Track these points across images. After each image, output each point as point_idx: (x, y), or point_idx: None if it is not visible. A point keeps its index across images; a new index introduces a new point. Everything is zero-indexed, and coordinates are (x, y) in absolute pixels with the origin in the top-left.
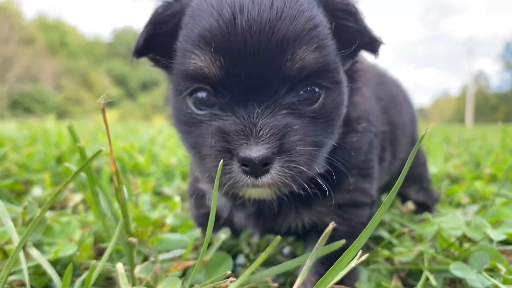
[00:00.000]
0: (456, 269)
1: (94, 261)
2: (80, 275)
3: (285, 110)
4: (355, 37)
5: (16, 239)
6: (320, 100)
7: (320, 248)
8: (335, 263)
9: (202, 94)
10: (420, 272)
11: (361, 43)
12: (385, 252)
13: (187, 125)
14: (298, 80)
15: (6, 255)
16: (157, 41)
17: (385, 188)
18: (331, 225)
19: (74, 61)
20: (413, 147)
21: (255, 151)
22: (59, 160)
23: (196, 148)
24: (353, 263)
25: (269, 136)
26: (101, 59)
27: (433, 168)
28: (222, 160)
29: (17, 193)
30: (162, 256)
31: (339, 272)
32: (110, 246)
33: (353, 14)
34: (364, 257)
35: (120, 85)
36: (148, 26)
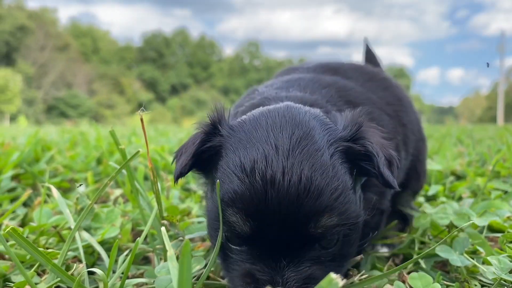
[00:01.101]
0: (441, 251)
1: (137, 238)
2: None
3: (308, 262)
4: (373, 175)
5: (72, 222)
6: (338, 242)
7: None
8: None
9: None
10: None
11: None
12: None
13: (221, 251)
14: (319, 237)
15: (62, 238)
16: (196, 164)
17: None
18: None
19: (106, 66)
20: (421, 143)
21: None
22: (99, 161)
23: (228, 273)
24: None
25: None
26: (132, 63)
27: (438, 166)
28: None
29: (63, 190)
30: (188, 237)
31: None
32: (146, 227)
33: (372, 160)
34: None
35: (150, 89)
36: (191, 159)
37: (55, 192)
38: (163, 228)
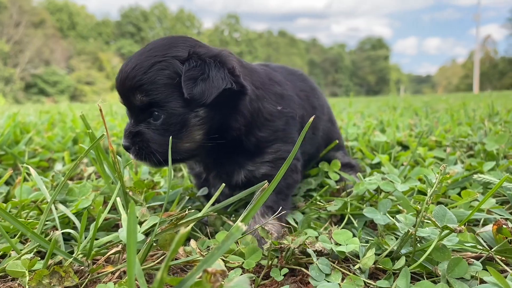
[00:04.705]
0: (367, 212)
1: (100, 208)
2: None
3: (142, 123)
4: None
5: (48, 197)
6: (161, 119)
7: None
8: (258, 200)
9: None
10: (348, 218)
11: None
12: (321, 204)
13: None
14: (144, 108)
15: (41, 211)
16: None
17: (313, 157)
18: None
19: (83, 42)
20: (331, 124)
21: (123, 142)
22: (75, 141)
23: None
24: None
25: (127, 136)
26: (110, 38)
27: (384, 137)
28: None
29: (42, 169)
30: (148, 204)
31: (261, 204)
32: (112, 198)
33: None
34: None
35: None
36: None
37: (33, 171)
38: (118, 198)
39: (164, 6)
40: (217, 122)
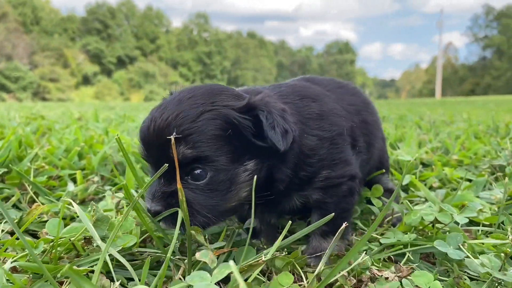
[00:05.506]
0: (439, 245)
1: (165, 256)
2: (133, 260)
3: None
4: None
5: (95, 235)
6: (207, 177)
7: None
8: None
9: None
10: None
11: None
12: (375, 235)
13: None
14: (185, 164)
15: (75, 248)
16: None
17: (367, 175)
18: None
19: (48, 38)
20: (384, 142)
21: (151, 206)
22: (80, 156)
23: None
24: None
25: (160, 198)
26: (75, 35)
27: (408, 156)
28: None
29: (49, 188)
30: (212, 246)
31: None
32: (172, 243)
33: (262, 125)
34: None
35: (95, 61)
36: None
37: (77, 208)
38: (236, 272)
39: (132, 3)
40: (263, 175)
